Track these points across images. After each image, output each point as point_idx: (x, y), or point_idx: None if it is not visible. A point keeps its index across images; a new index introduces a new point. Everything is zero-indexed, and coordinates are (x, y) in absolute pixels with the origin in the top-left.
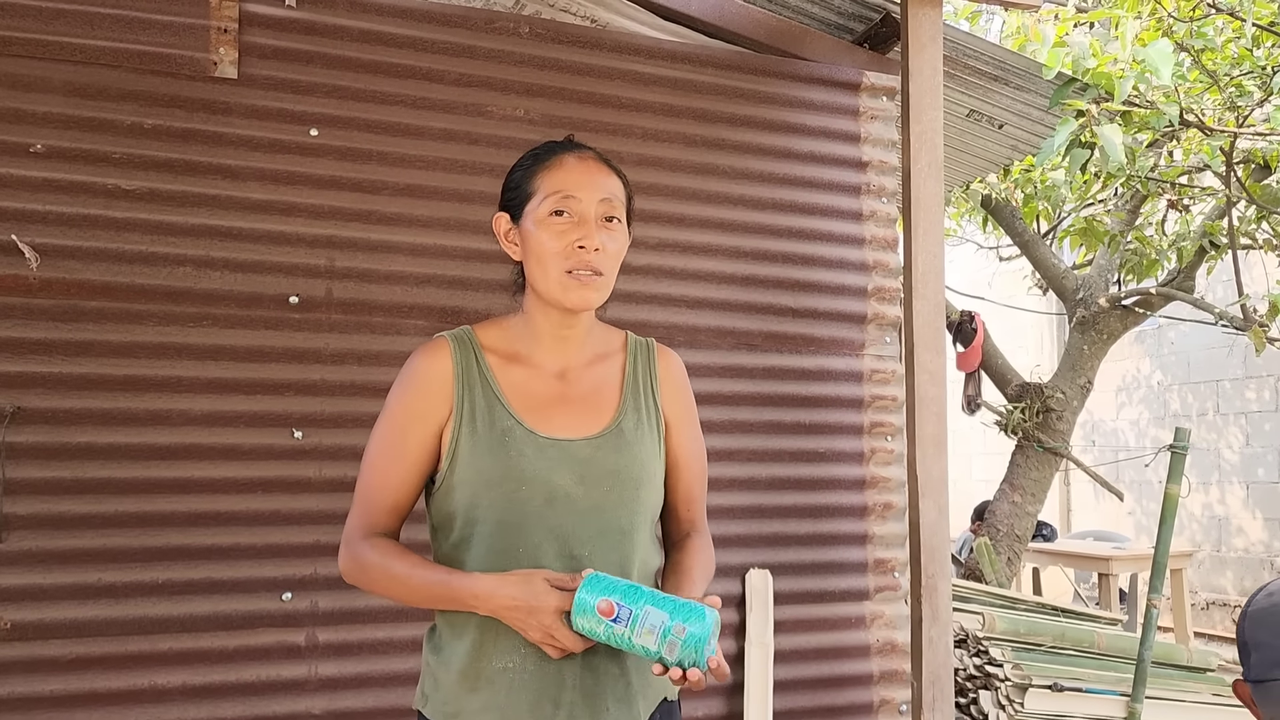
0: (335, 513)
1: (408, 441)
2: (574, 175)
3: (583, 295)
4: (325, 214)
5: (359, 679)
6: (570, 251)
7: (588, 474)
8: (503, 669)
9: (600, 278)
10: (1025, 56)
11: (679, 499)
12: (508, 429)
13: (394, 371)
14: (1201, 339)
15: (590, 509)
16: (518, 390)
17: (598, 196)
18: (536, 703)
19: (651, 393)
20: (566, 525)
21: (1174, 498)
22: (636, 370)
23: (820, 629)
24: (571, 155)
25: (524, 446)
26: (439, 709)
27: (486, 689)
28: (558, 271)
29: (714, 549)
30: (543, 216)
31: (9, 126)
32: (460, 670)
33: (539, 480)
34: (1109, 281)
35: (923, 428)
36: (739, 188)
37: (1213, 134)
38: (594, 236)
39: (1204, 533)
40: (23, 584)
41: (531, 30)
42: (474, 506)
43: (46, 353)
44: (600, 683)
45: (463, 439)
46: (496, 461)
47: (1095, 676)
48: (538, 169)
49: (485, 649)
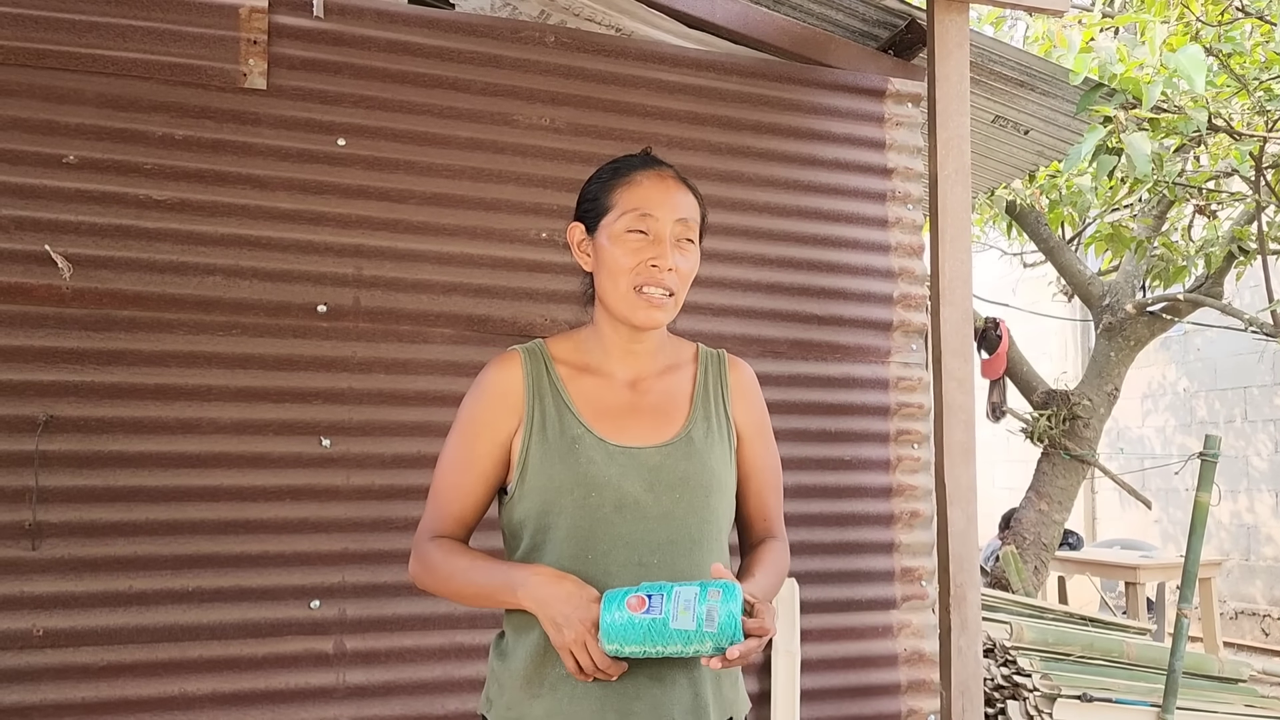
0: (363, 521)
1: (476, 451)
2: (653, 194)
3: (650, 314)
4: (353, 223)
5: (387, 687)
6: (643, 269)
7: (657, 481)
8: (566, 676)
9: (670, 298)
10: (1051, 62)
11: (753, 509)
12: (578, 436)
13: (421, 379)
14: (1229, 345)
15: (660, 516)
16: (588, 400)
17: (675, 216)
18: (600, 712)
19: (723, 403)
20: (636, 532)
21: (1204, 506)
22: (708, 381)
23: (847, 638)
24: (652, 172)
25: (594, 454)
26: (503, 714)
27: (549, 696)
28: (627, 288)
29: (789, 555)
30: (619, 232)
31: (42, 138)
32: (524, 676)
33: (609, 487)
34: (1135, 288)
35: (951, 435)
36: (764, 195)
37: (1242, 139)
38: (668, 256)
39: (1233, 541)
40: (55, 591)
41: (557, 39)
42: (545, 514)
43: (79, 362)
44: (668, 694)
45: (533, 447)
46: (567, 468)
47: (1125, 687)
48: (616, 183)
49: (550, 655)
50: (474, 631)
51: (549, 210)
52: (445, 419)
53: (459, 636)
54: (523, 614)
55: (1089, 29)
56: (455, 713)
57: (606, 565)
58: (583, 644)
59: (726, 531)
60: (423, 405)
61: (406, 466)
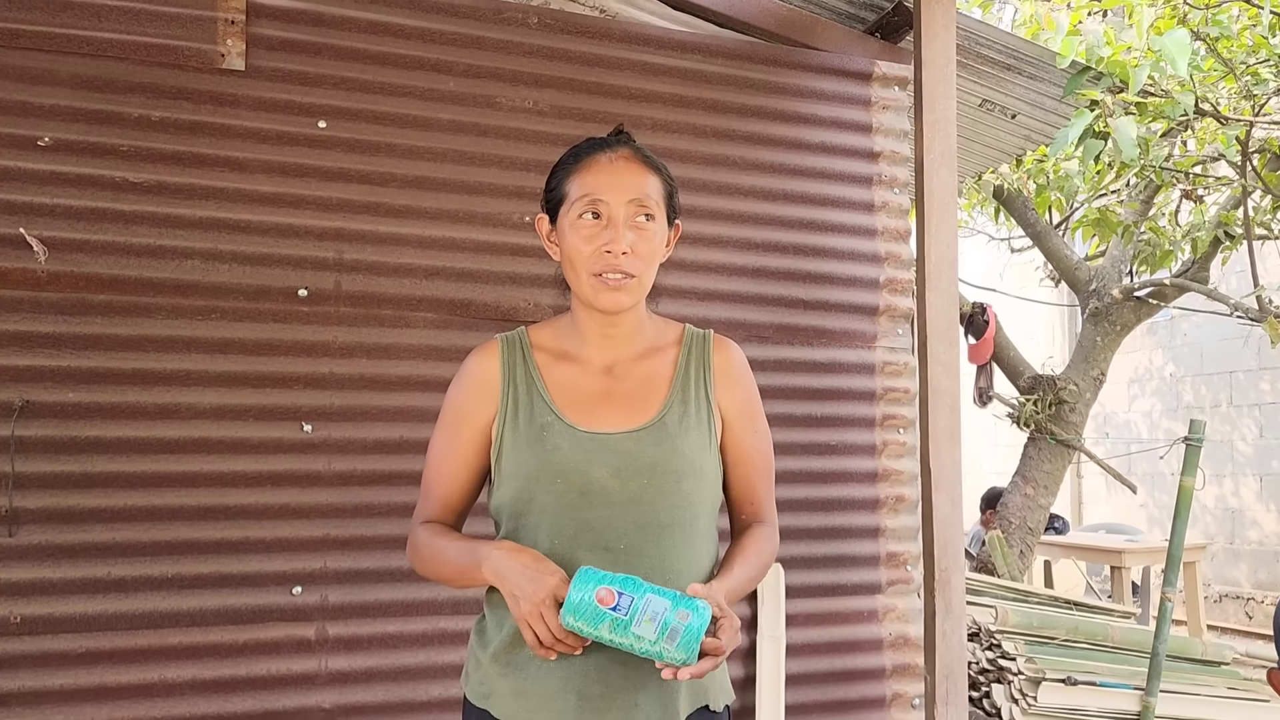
0: (345, 506)
1: (459, 439)
2: (602, 177)
3: (613, 298)
4: (334, 206)
5: (369, 673)
6: (597, 255)
7: (624, 467)
8: (531, 656)
9: (631, 279)
10: (1039, 45)
11: (740, 493)
12: (547, 424)
13: (403, 364)
14: (1215, 330)
15: (627, 502)
16: (562, 387)
17: (626, 198)
18: (560, 691)
19: (704, 386)
20: (603, 518)
21: (1188, 490)
22: (690, 364)
23: (832, 623)
24: (603, 156)
25: (560, 440)
26: (475, 689)
27: (516, 674)
28: (587, 275)
29: (778, 540)
30: (573, 220)
31: (16, 119)
32: (494, 655)
33: (575, 473)
34: (1122, 273)
35: (936, 420)
36: (749, 179)
37: (1228, 123)
38: (620, 240)
39: (1218, 525)
40: (32, 578)
41: (540, 21)
42: (518, 500)
43: (55, 346)
44: (630, 678)
45: (506, 435)
46: (535, 455)
47: (1109, 670)
48: (570, 172)
49: (518, 637)
50: (456, 617)
51: (532, 194)
52: (427, 404)
53: (441, 622)
54: (501, 599)
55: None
56: (438, 698)
57: (574, 550)
58: (538, 615)
59: (706, 516)
60: (404, 390)
61: (388, 452)
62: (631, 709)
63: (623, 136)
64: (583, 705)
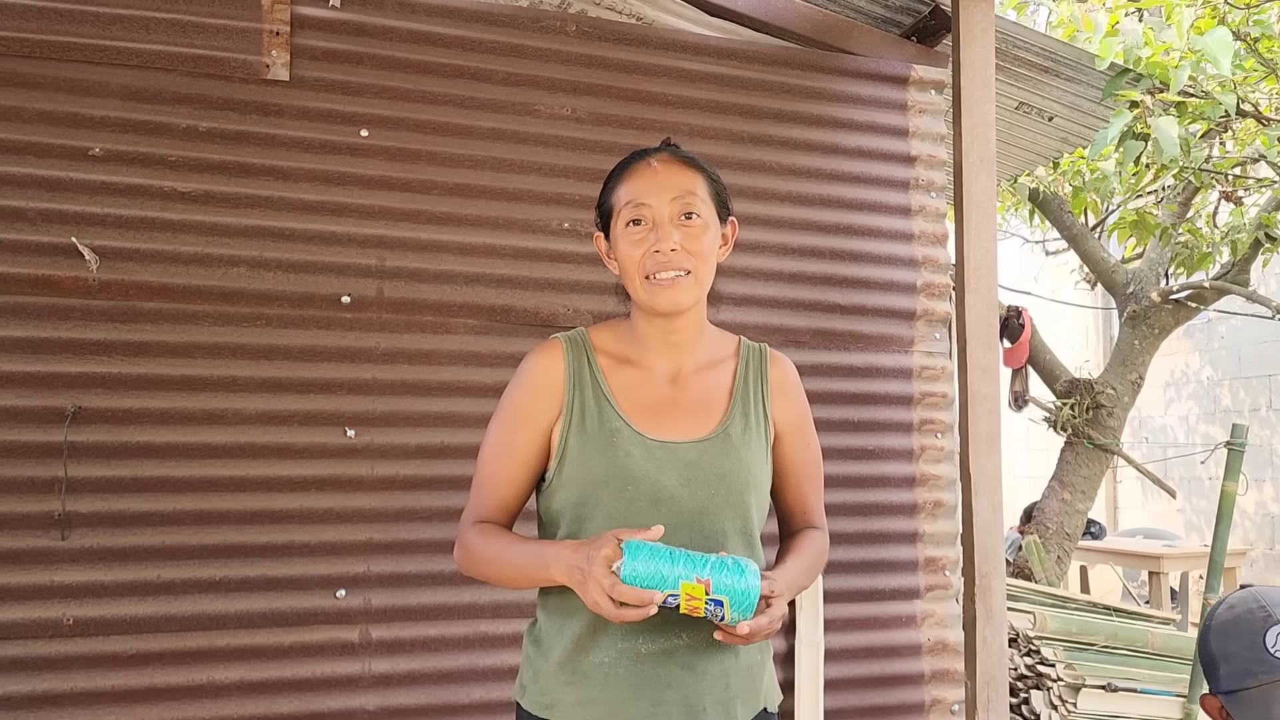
0: (388, 511)
1: (517, 440)
2: (641, 182)
3: (670, 296)
4: (376, 214)
5: (412, 676)
6: (648, 257)
7: (693, 476)
8: (599, 663)
9: (685, 276)
10: (1076, 47)
11: (791, 501)
12: (616, 430)
13: (444, 370)
14: (1253, 333)
15: (695, 510)
16: (628, 392)
17: (668, 197)
18: (633, 699)
19: (762, 399)
20: (671, 526)
21: (1231, 495)
22: (748, 377)
23: (871, 627)
24: (641, 163)
25: (631, 447)
26: (536, 700)
27: (583, 683)
28: (640, 279)
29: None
30: (621, 229)
31: (68, 130)
32: (558, 663)
33: (646, 480)
34: (1160, 275)
35: (976, 425)
36: (786, 184)
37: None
38: (668, 239)
39: (1257, 531)
40: (84, 581)
41: (578, 28)
42: (581, 504)
43: (106, 353)
44: (700, 683)
45: (572, 438)
46: (605, 461)
47: (1150, 677)
48: (613, 185)
49: (584, 643)
50: (498, 621)
51: (571, 200)
52: (468, 409)
53: (483, 626)
54: (559, 601)
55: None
56: (480, 701)
57: None
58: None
59: (759, 526)
60: (446, 396)
61: (430, 457)
62: (700, 714)
63: (667, 145)
64: (655, 711)
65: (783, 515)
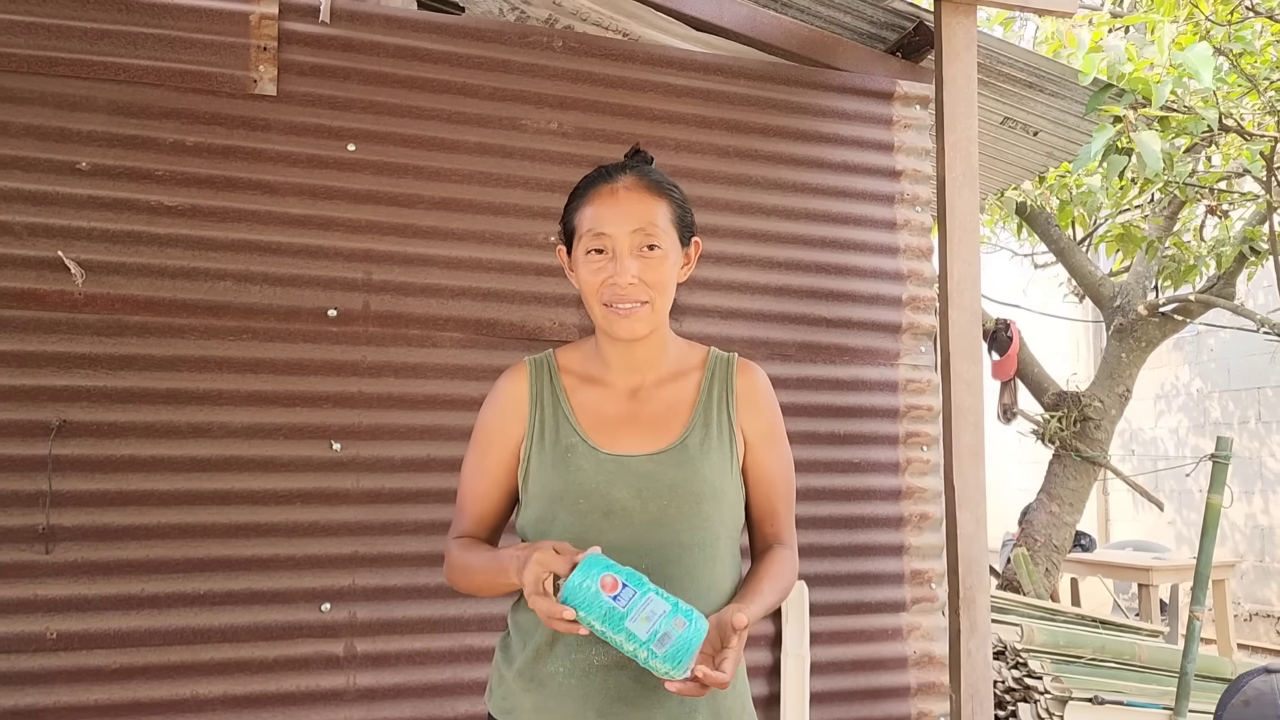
0: (373, 524)
1: (488, 461)
2: (604, 210)
3: (626, 326)
4: (362, 228)
5: (397, 689)
6: (606, 288)
7: (646, 488)
8: (554, 672)
9: (643, 306)
10: (1060, 63)
11: (760, 513)
12: (571, 445)
13: (430, 383)
14: (1242, 346)
15: (648, 523)
16: (588, 410)
17: (629, 228)
18: (580, 709)
19: (727, 409)
20: (626, 538)
21: (1216, 508)
22: (712, 388)
23: (857, 640)
24: (606, 187)
25: (583, 461)
26: (499, 704)
27: (539, 690)
28: (599, 306)
29: (798, 562)
30: (581, 255)
31: (55, 145)
32: (519, 670)
33: (597, 494)
34: (1147, 288)
35: (960, 438)
36: (772, 198)
37: (1252, 138)
38: (625, 271)
39: (1247, 543)
40: (68, 594)
41: (565, 44)
42: (542, 520)
43: (91, 367)
44: (651, 697)
45: (533, 456)
46: (558, 475)
47: (1137, 689)
48: (577, 205)
49: (542, 653)
50: (482, 634)
51: (557, 214)
52: (454, 422)
53: (468, 639)
54: (525, 616)
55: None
56: (464, 715)
57: None
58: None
59: (728, 537)
60: (432, 409)
61: (416, 470)
62: None
63: (630, 162)
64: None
65: (751, 527)
